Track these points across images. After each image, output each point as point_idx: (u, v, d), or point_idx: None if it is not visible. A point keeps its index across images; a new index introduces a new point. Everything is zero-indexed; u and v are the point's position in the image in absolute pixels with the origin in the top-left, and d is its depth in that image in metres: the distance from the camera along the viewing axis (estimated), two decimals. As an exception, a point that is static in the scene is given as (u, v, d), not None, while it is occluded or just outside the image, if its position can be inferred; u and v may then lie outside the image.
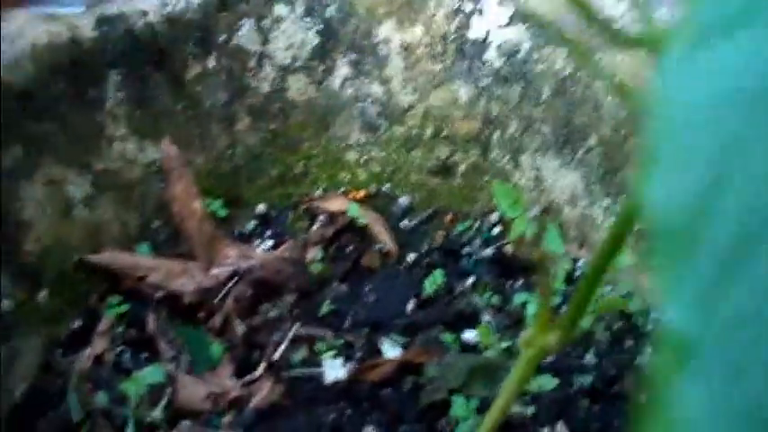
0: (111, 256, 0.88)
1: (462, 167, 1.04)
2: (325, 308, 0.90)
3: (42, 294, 0.83)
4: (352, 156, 1.06)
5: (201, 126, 1.01)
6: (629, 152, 0.94)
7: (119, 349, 0.84)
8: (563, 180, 0.99)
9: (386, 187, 1.05)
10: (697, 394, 0.18)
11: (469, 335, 0.88)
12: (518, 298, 0.92)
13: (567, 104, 0.98)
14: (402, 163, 1.05)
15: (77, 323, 0.85)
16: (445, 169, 1.04)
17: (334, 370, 0.80)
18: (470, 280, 0.96)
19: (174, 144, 0.93)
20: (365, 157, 1.06)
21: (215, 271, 0.91)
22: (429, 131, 1.04)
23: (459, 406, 0.75)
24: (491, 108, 1.03)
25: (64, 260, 0.86)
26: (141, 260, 0.90)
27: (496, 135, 1.03)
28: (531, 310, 0.90)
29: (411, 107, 1.04)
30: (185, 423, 0.76)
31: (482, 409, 0.75)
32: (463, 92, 1.03)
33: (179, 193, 0.91)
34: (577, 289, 0.47)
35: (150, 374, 0.80)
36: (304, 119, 1.05)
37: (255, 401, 0.77)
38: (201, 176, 0.97)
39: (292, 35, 1.03)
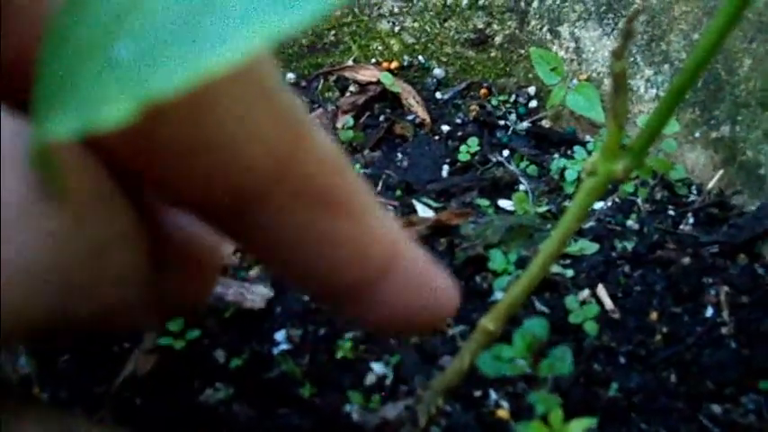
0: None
1: (498, 39, 1.00)
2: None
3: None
4: (384, 25, 1.02)
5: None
6: (675, 19, 0.90)
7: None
8: (604, 50, 0.95)
9: (419, 59, 1.02)
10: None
11: (505, 203, 0.85)
12: (556, 164, 0.89)
13: (610, -29, 0.94)
14: (436, 34, 1.01)
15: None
16: (481, 41, 1.00)
17: (367, 226, 0.77)
18: (506, 152, 0.92)
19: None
20: (398, 27, 1.02)
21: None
22: (465, 1, 1.00)
23: (497, 260, 0.72)
24: (530, -24, 0.99)
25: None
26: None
27: (535, 4, 0.99)
28: (570, 176, 0.87)
29: (447, -25, 1.00)
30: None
31: (521, 264, 0.72)
32: (502, -41, 0.99)
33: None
34: (651, 114, 0.44)
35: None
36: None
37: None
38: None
39: None
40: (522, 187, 0.87)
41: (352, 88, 0.98)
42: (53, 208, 0.23)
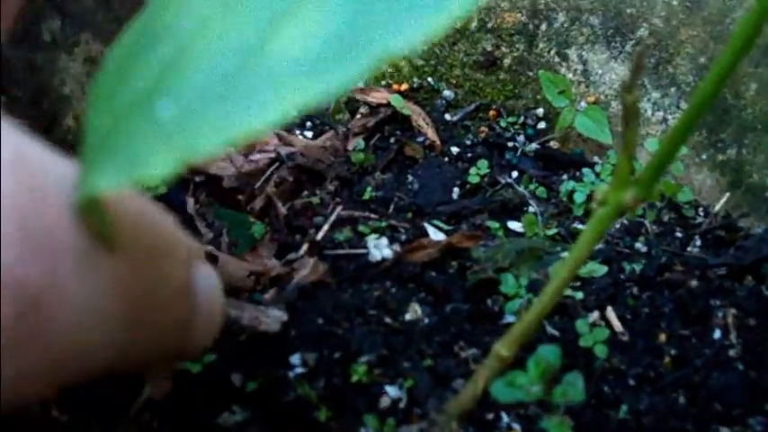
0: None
1: (507, 61, 1.01)
2: (368, 194, 0.88)
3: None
4: (394, 48, 1.03)
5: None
6: (681, 43, 0.91)
7: (158, 230, 0.82)
8: (611, 73, 0.96)
9: (429, 81, 1.03)
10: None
11: (515, 225, 0.86)
12: (565, 187, 0.90)
13: (617, -6, 0.95)
14: (446, 56, 1.02)
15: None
16: (490, 63, 1.01)
17: (379, 249, 0.78)
18: (515, 173, 0.93)
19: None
20: (408, 49, 1.03)
21: (255, 156, 0.89)
22: (474, 24, 1.01)
23: (508, 283, 0.73)
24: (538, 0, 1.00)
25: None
26: (181, 143, 0.88)
27: (543, 27, 1.00)
28: (578, 198, 0.88)
29: (456, -2, 1.01)
30: (228, 299, 0.74)
31: (532, 287, 0.73)
32: (510, -18, 1.00)
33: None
34: (661, 145, 0.45)
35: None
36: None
37: (298, 279, 0.76)
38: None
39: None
40: (531, 209, 0.88)
41: (362, 110, 0.99)
42: (108, 257, 0.24)
